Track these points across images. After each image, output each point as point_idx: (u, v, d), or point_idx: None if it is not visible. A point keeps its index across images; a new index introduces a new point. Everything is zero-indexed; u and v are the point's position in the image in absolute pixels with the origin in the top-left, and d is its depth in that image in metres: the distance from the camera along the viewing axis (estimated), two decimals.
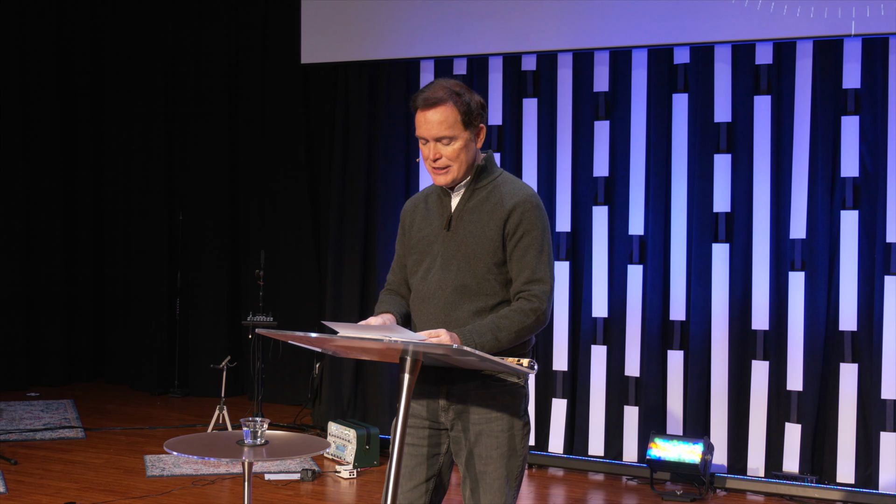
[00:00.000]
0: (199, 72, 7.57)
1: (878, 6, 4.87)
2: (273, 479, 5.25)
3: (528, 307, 2.60)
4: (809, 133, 5.23)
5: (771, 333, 5.31)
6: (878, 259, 5.09)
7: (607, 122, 5.66)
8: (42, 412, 6.80)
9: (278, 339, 3.39)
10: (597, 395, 5.68)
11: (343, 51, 6.20)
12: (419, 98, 2.66)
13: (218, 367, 6.24)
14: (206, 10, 7.55)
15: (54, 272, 7.83)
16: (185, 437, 3.05)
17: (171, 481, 5.19)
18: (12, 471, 5.32)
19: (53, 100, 7.78)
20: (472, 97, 2.68)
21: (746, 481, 5.24)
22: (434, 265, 2.70)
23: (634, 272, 5.58)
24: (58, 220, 7.85)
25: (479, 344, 2.52)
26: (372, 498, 5.05)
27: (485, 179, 2.72)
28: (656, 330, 5.54)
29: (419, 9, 5.93)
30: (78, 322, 7.99)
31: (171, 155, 7.75)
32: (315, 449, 2.98)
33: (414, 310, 2.75)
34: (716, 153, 5.40)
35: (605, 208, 5.66)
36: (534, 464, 5.66)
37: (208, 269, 7.57)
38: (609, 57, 5.63)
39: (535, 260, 2.63)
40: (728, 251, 5.39)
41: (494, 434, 2.64)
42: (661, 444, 5.18)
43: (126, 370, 7.88)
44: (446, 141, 2.64)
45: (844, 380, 5.14)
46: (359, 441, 5.48)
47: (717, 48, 5.38)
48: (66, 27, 7.87)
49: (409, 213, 2.85)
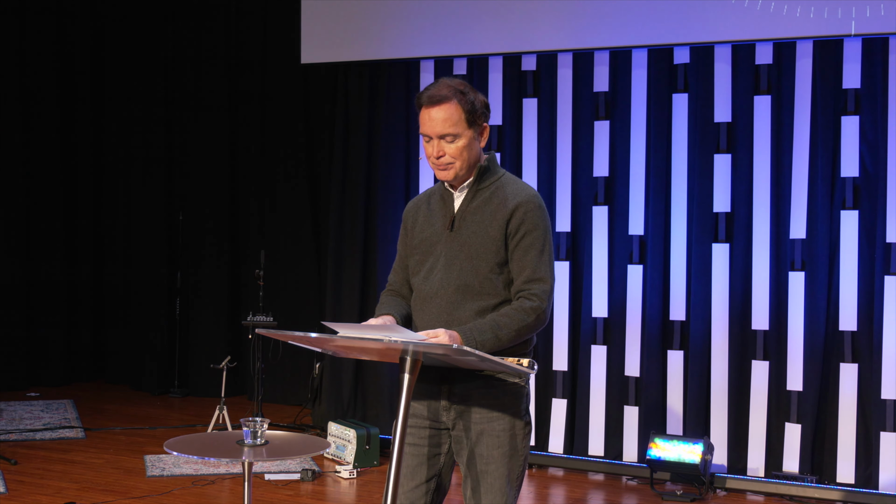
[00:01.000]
0: (199, 72, 7.57)
1: (878, 6, 4.87)
2: (273, 479, 5.25)
3: (528, 306, 2.60)
4: (809, 133, 5.23)
5: (771, 333, 5.31)
6: (878, 259, 5.09)
7: (607, 122, 5.66)
8: (42, 412, 6.80)
9: (278, 339, 3.39)
10: (597, 395, 5.68)
11: (343, 51, 6.20)
12: (424, 95, 2.67)
13: (218, 367, 6.24)
14: (206, 10, 7.55)
15: (54, 272, 7.83)
16: (185, 437, 3.05)
17: (171, 481, 5.19)
18: (12, 471, 5.32)
19: (54, 99, 7.78)
20: (477, 96, 2.69)
21: (746, 481, 5.24)
22: (437, 265, 2.70)
23: (634, 272, 5.59)
24: (58, 220, 7.85)
25: (480, 342, 2.53)
26: (372, 498, 5.05)
27: (488, 180, 2.73)
28: (656, 330, 5.54)
29: (419, 9, 5.93)
30: (78, 322, 7.99)
31: (171, 155, 7.75)
32: (315, 449, 2.98)
33: (415, 310, 2.76)
34: (716, 153, 5.40)
35: (605, 208, 5.66)
36: (534, 464, 5.66)
37: (208, 269, 7.58)
38: (609, 57, 5.63)
39: (536, 259, 2.64)
40: (728, 251, 5.39)
41: (496, 434, 2.65)
42: (661, 444, 5.18)
43: (126, 370, 7.88)
44: (450, 138, 2.65)
45: (844, 380, 5.14)
46: (359, 441, 5.48)
47: (717, 48, 5.38)
48: (66, 27, 7.87)
49: (412, 213, 2.85)
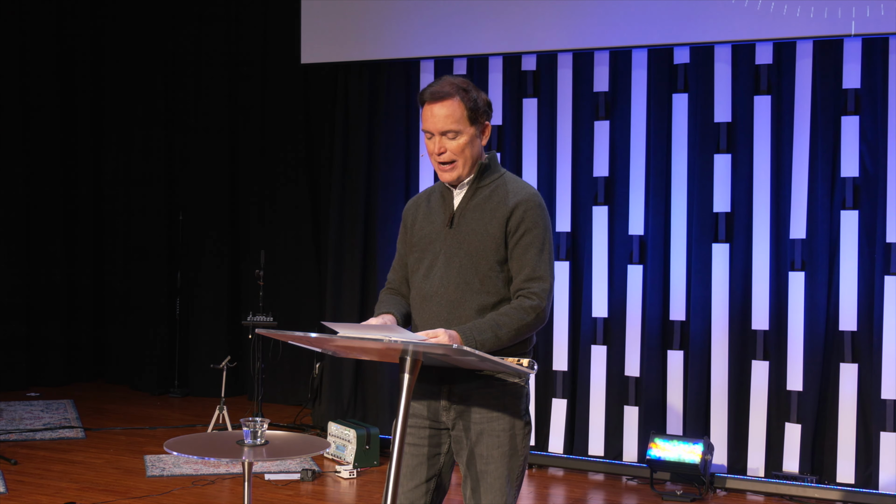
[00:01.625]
0: (199, 72, 7.57)
1: (878, 6, 4.87)
2: (273, 479, 5.25)
3: (527, 305, 2.60)
4: (809, 133, 5.23)
5: (771, 333, 5.31)
6: (878, 259, 5.09)
7: (607, 122, 5.66)
8: (42, 412, 6.80)
9: (278, 339, 3.39)
10: (597, 395, 5.68)
11: (343, 51, 6.20)
12: (427, 92, 2.68)
13: (218, 367, 6.24)
14: (206, 10, 7.55)
15: (54, 272, 7.83)
16: (185, 437, 3.05)
17: (171, 481, 5.19)
18: (12, 471, 5.32)
19: (54, 99, 7.78)
20: (479, 95, 2.70)
21: (746, 481, 5.24)
22: (436, 263, 2.70)
23: (634, 272, 5.58)
24: (58, 220, 7.85)
25: (480, 341, 2.53)
26: (372, 498, 5.05)
27: (488, 178, 2.73)
28: (656, 330, 5.53)
29: (419, 9, 5.92)
30: (78, 322, 7.99)
31: (171, 155, 7.75)
32: (315, 449, 2.98)
33: (415, 309, 2.75)
34: (716, 153, 5.40)
35: (605, 208, 5.66)
36: (534, 464, 5.66)
37: (208, 269, 7.57)
38: (609, 57, 5.63)
39: (536, 258, 2.64)
40: (728, 251, 5.39)
41: (496, 434, 2.65)
42: (661, 444, 5.18)
43: (126, 370, 7.88)
44: (452, 135, 2.65)
45: (844, 380, 5.14)
46: (359, 441, 5.48)
47: (717, 48, 5.38)
48: (66, 28, 7.87)
49: (412, 211, 2.85)
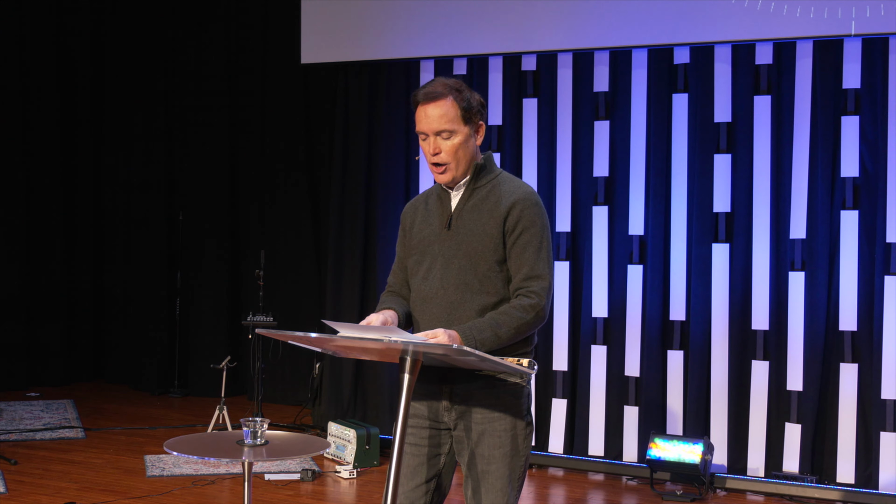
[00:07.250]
0: (199, 72, 7.57)
1: (878, 6, 4.87)
2: (273, 479, 5.25)
3: (527, 303, 2.60)
4: (809, 133, 5.23)
5: (771, 333, 5.31)
6: (878, 259, 5.09)
7: (607, 122, 5.66)
8: (42, 412, 6.80)
9: (278, 339, 3.39)
10: (597, 395, 5.68)
11: (343, 51, 6.20)
12: (420, 93, 2.68)
13: (218, 367, 6.24)
14: (206, 10, 7.55)
15: (54, 272, 7.83)
16: (185, 437, 3.05)
17: (171, 481, 5.19)
18: (12, 471, 5.32)
19: (54, 99, 7.78)
20: (472, 95, 2.71)
21: (746, 481, 5.24)
22: (435, 265, 2.70)
23: (634, 272, 5.58)
24: (58, 220, 7.85)
25: (480, 341, 2.52)
26: (372, 498, 5.05)
27: (484, 178, 2.73)
28: (656, 330, 5.53)
29: (419, 9, 5.92)
30: (78, 322, 7.99)
31: (171, 155, 7.76)
32: (315, 449, 2.97)
33: (416, 310, 2.75)
34: (716, 153, 5.40)
35: (605, 208, 5.66)
36: (534, 464, 5.66)
37: (208, 269, 7.58)
38: (609, 57, 5.63)
39: (534, 256, 2.64)
40: (728, 251, 5.39)
41: (497, 434, 2.64)
42: (661, 444, 5.18)
43: (126, 370, 7.88)
44: (446, 135, 2.65)
45: (844, 380, 5.14)
46: (359, 441, 5.48)
47: (717, 48, 5.38)
48: (66, 28, 7.87)
49: (410, 214, 2.85)
